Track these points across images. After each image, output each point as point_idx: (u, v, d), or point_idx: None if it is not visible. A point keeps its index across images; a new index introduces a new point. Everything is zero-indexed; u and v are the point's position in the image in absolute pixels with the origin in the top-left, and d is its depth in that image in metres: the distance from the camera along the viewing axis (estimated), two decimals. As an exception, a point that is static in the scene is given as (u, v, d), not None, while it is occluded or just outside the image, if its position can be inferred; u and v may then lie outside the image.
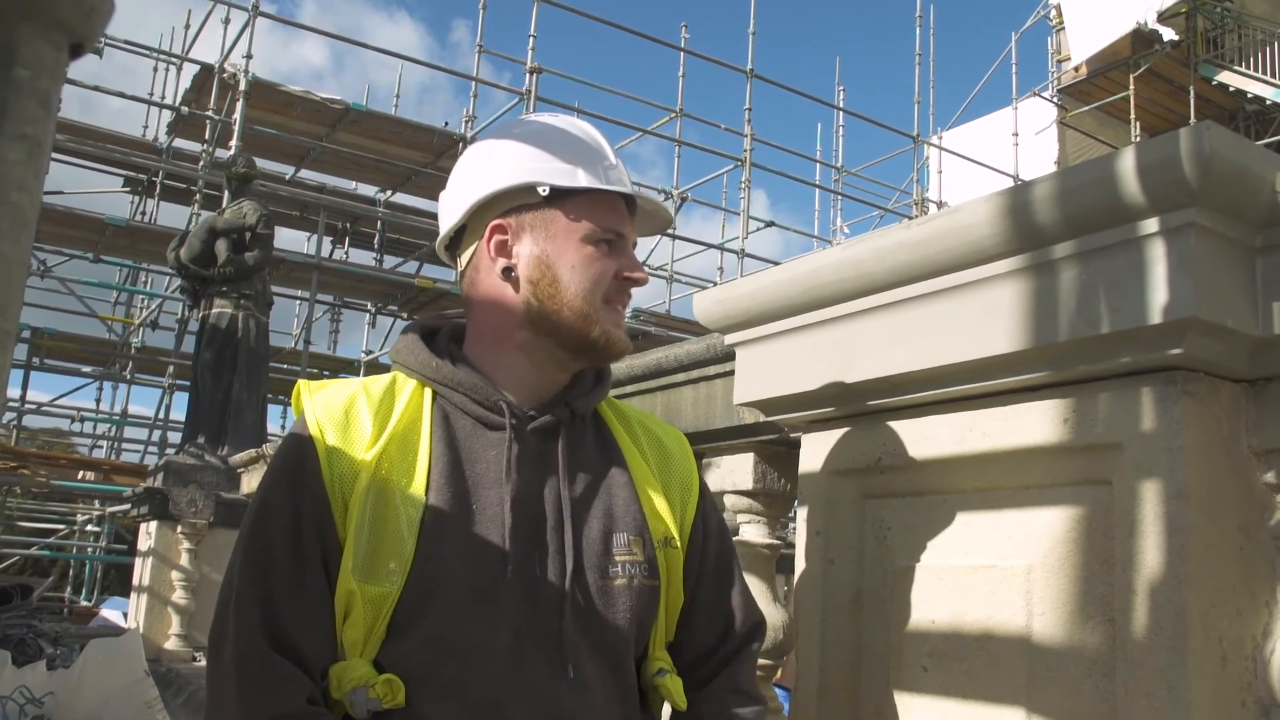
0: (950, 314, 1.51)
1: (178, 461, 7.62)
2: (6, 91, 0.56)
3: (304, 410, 1.37)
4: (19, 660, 4.34)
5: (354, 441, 1.32)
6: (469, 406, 1.39)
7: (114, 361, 14.99)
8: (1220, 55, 16.99)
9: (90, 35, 0.60)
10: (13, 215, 0.55)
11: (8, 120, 0.56)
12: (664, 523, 1.44)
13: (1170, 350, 1.28)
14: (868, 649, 1.69)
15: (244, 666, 1.23)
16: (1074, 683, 1.37)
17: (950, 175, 18.04)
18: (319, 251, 13.53)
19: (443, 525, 1.30)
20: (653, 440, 1.54)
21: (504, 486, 1.34)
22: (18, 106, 0.56)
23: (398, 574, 1.26)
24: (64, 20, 0.58)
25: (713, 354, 2.17)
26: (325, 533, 1.28)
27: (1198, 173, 1.20)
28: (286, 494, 1.30)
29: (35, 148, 0.57)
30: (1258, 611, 1.34)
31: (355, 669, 1.26)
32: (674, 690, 1.42)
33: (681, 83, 15.20)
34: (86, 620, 10.03)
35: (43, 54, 0.58)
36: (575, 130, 1.46)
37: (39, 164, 0.58)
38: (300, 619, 1.26)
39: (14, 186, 0.56)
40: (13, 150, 0.56)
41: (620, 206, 1.43)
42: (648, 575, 1.40)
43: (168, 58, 14.23)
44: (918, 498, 1.65)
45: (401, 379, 1.43)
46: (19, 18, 0.56)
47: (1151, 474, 1.32)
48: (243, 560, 1.29)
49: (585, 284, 1.39)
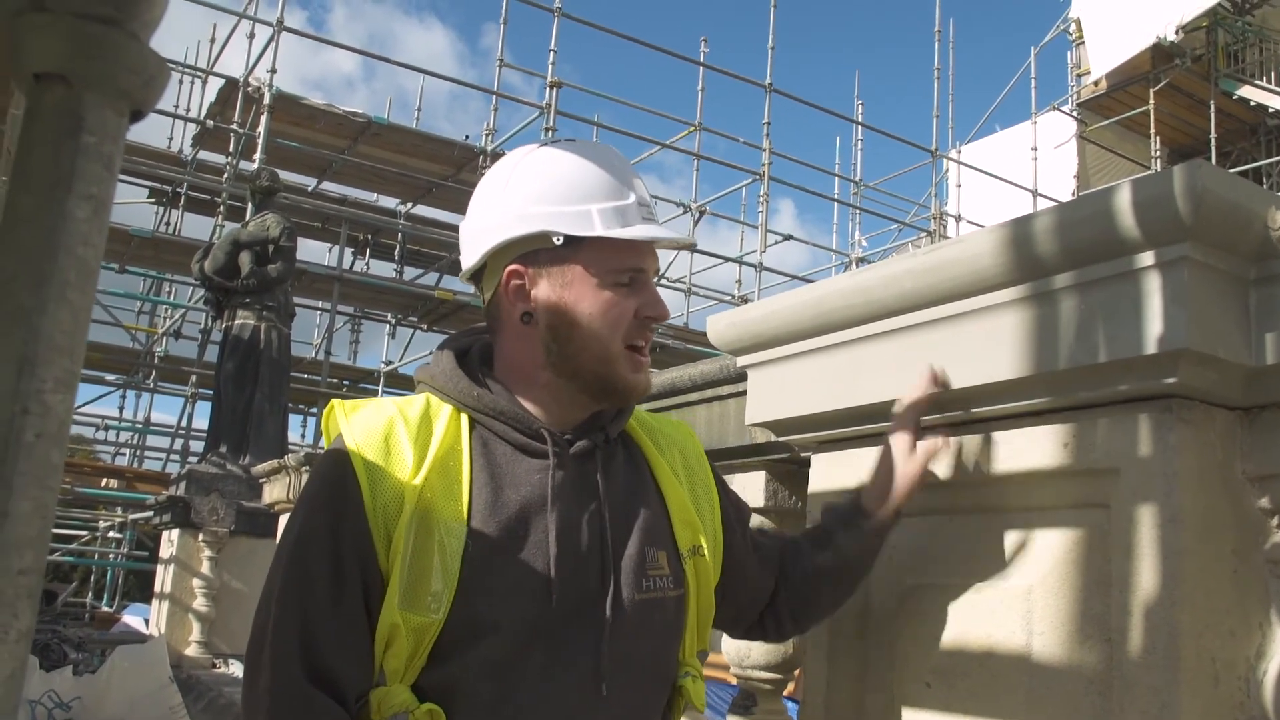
0: (955, 340, 1.56)
1: (200, 470, 7.72)
2: (75, 155, 0.62)
3: (341, 434, 1.35)
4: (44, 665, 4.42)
5: (395, 470, 1.31)
6: (510, 435, 1.38)
7: (137, 370, 15.14)
8: (1241, 69, 16.94)
9: (149, 102, 0.66)
10: (79, 268, 0.61)
11: (76, 181, 0.61)
12: (691, 531, 1.46)
13: (1165, 379, 1.32)
14: (873, 664, 1.73)
15: (277, 699, 1.23)
16: (1072, 700, 1.41)
17: (969, 189, 18.03)
18: (340, 263, 13.67)
19: (487, 553, 1.30)
20: (672, 444, 1.55)
21: (548, 514, 1.34)
22: (84, 169, 0.62)
23: (441, 604, 1.26)
24: (126, 89, 0.64)
25: (726, 374, 2.22)
26: (366, 564, 1.27)
27: (1190, 209, 1.24)
28: (327, 523, 1.29)
29: (100, 207, 0.63)
30: (1251, 633, 1.38)
31: (396, 695, 1.27)
32: (694, 693, 1.45)
33: (701, 96, 15.29)
34: (108, 626, 10.12)
35: (107, 121, 0.63)
36: (593, 162, 1.41)
37: (103, 221, 0.63)
38: (338, 650, 1.25)
39: (80, 241, 0.61)
40: (80, 209, 0.61)
41: (645, 246, 1.40)
42: (674, 586, 1.42)
43: (193, 71, 14.41)
44: (923, 518, 1.69)
45: (435, 403, 1.41)
46: (85, 88, 0.62)
47: (1147, 498, 1.36)
48: (281, 588, 1.28)
49: (604, 329, 1.37)
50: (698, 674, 1.48)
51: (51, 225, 0.60)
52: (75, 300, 0.61)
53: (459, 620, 1.27)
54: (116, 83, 0.62)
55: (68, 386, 0.62)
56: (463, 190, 13.96)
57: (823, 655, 1.82)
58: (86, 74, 0.61)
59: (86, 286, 0.63)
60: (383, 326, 16.56)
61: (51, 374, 0.60)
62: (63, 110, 0.63)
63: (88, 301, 0.63)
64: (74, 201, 0.62)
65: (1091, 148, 17.77)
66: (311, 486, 1.35)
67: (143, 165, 13.00)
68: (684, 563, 1.44)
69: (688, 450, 1.57)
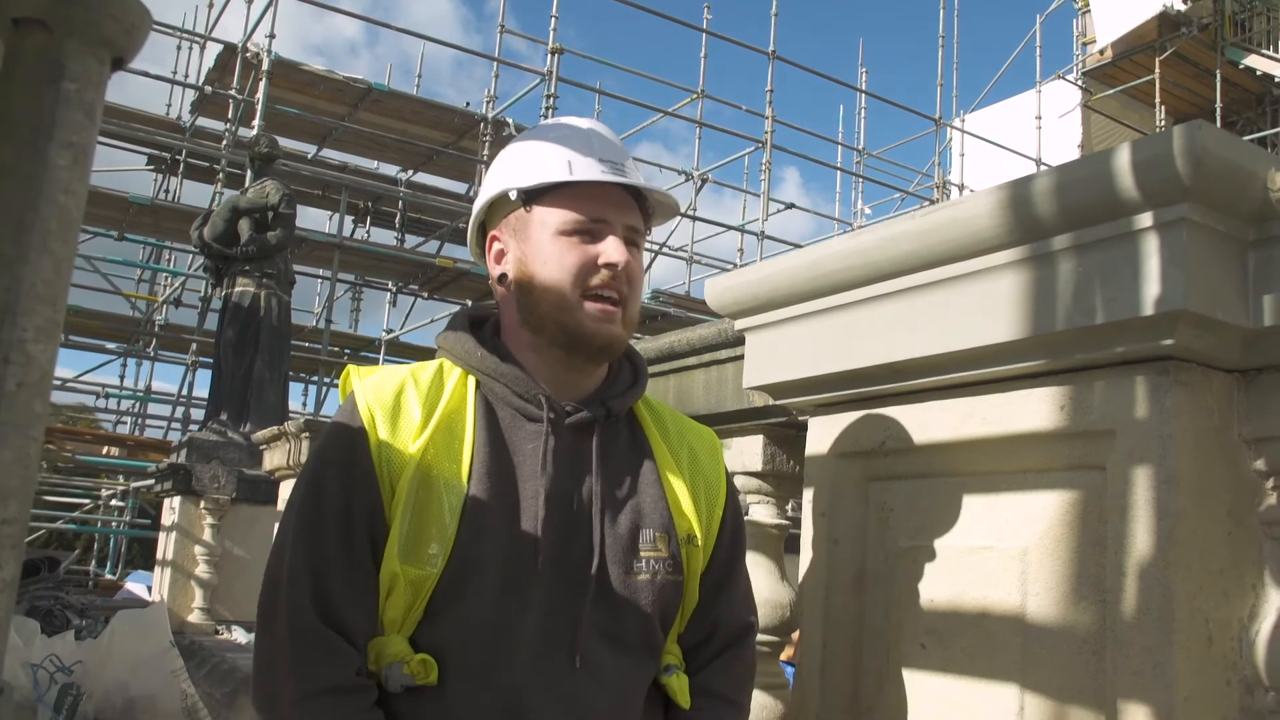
0: (952, 302, 1.55)
1: (201, 438, 7.73)
2: (55, 103, 0.61)
3: (354, 393, 1.40)
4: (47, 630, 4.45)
5: (403, 429, 1.36)
6: (510, 398, 1.42)
7: (138, 339, 15.12)
8: (1248, 38, 16.80)
9: (131, 49, 0.65)
10: (60, 216, 0.60)
11: (57, 129, 0.61)
12: (687, 521, 1.46)
13: (1163, 341, 1.32)
14: (869, 627, 1.74)
15: (298, 639, 1.28)
16: (1066, 660, 1.42)
17: (972, 158, 17.93)
18: (340, 231, 13.63)
19: (482, 513, 1.33)
20: (684, 442, 1.55)
21: (539, 479, 1.37)
22: (65, 117, 0.61)
23: (438, 558, 1.31)
24: (108, 37, 0.63)
25: (724, 338, 2.21)
26: (374, 515, 1.32)
27: (1190, 169, 1.24)
28: (338, 477, 1.34)
29: (81, 154, 0.62)
30: (1244, 594, 1.38)
31: (393, 645, 1.31)
32: (677, 689, 1.45)
33: (703, 64, 15.16)
34: (111, 593, 10.18)
35: (88, 68, 0.62)
36: (565, 126, 1.47)
37: (84, 169, 0.62)
38: (348, 597, 1.30)
39: (61, 190, 0.60)
40: (61, 157, 0.61)
41: (604, 194, 1.41)
42: (672, 571, 1.43)
43: (191, 37, 14.29)
44: (919, 481, 1.69)
45: (448, 366, 1.46)
46: (66, 34, 0.61)
47: (1143, 460, 1.36)
48: (294, 538, 1.33)
49: (560, 277, 1.38)
50: (680, 665, 1.48)
51: (32, 174, 0.60)
52: (57, 249, 0.61)
53: (452, 576, 1.31)
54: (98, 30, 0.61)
55: (49, 336, 0.61)
56: (463, 158, 13.90)
57: (819, 617, 1.82)
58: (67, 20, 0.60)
59: (68, 235, 0.63)
60: (384, 294, 16.53)
61: (33, 323, 0.59)
62: (43, 57, 0.62)
63: (70, 250, 0.63)
64: (55, 150, 0.62)
65: (1096, 117, 17.66)
66: (325, 444, 1.40)
67: (141, 131, 12.93)
68: (681, 549, 1.45)
69: (699, 451, 1.55)
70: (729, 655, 1.51)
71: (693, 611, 1.49)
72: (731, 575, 1.54)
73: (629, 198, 1.44)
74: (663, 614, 1.44)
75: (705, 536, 1.49)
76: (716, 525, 1.51)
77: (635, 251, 1.44)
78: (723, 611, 1.51)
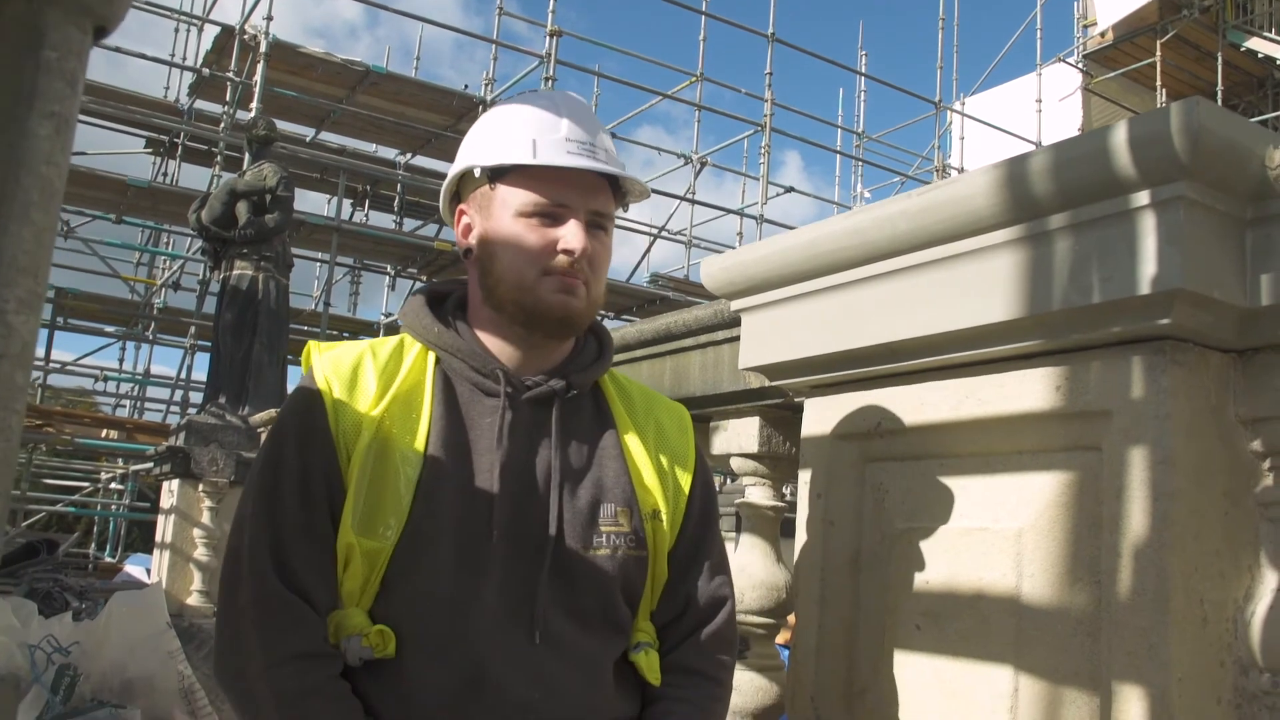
0: (949, 282, 1.55)
1: (199, 421, 7.72)
2: (36, 72, 0.60)
3: (312, 366, 1.40)
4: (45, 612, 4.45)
5: (359, 398, 1.36)
6: (467, 373, 1.42)
7: (136, 322, 15.10)
8: (1250, 21, 16.73)
9: (114, 17, 0.64)
10: (42, 187, 0.59)
11: (37, 99, 0.60)
12: (653, 496, 1.45)
13: (1159, 320, 1.31)
14: (864, 608, 1.73)
15: (262, 607, 1.27)
16: (1061, 642, 1.42)
17: (972, 142, 17.88)
18: (339, 214, 13.58)
19: (437, 486, 1.33)
20: (650, 416, 1.54)
21: (495, 453, 1.37)
22: (46, 86, 0.60)
23: (393, 530, 1.31)
24: (88, 5, 0.62)
25: (720, 319, 2.20)
26: (331, 479, 1.33)
27: (1187, 147, 1.23)
28: (295, 444, 1.34)
29: (63, 124, 0.61)
30: (1240, 575, 1.38)
31: (352, 618, 1.31)
32: (647, 667, 1.44)
33: (702, 46, 15.09)
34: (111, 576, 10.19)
35: (69, 36, 0.61)
36: (534, 102, 1.45)
37: (66, 139, 0.62)
38: (309, 564, 1.30)
39: (43, 160, 0.59)
40: (42, 127, 0.60)
41: (568, 176, 1.39)
42: (634, 546, 1.42)
43: (189, 19, 14.23)
44: (915, 462, 1.69)
45: (409, 341, 1.46)
46: (46, 3, 0.60)
47: (1139, 441, 1.35)
48: (253, 508, 1.33)
49: (517, 258, 1.38)
50: (652, 643, 1.47)
51: (12, 143, 0.59)
52: (39, 219, 0.60)
53: (406, 548, 1.31)
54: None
55: (31, 308, 0.61)
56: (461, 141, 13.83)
57: (814, 599, 1.82)
58: (47, -13, 0.59)
59: (50, 206, 0.62)
60: (382, 278, 16.50)
61: (14, 294, 0.59)
62: (22, 24, 0.61)
63: (51, 221, 0.62)
64: (36, 119, 0.61)
65: (1097, 100, 17.59)
66: (282, 414, 1.41)
67: (139, 114, 12.88)
68: (645, 524, 1.44)
69: (666, 425, 1.54)
70: (705, 631, 1.49)
71: (663, 587, 1.48)
72: (702, 550, 1.52)
73: (597, 179, 1.41)
74: (626, 589, 1.43)
75: (672, 511, 1.48)
76: (684, 500, 1.50)
77: (601, 235, 1.42)
78: (694, 587, 1.50)
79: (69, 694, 3.50)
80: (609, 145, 1.44)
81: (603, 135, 1.44)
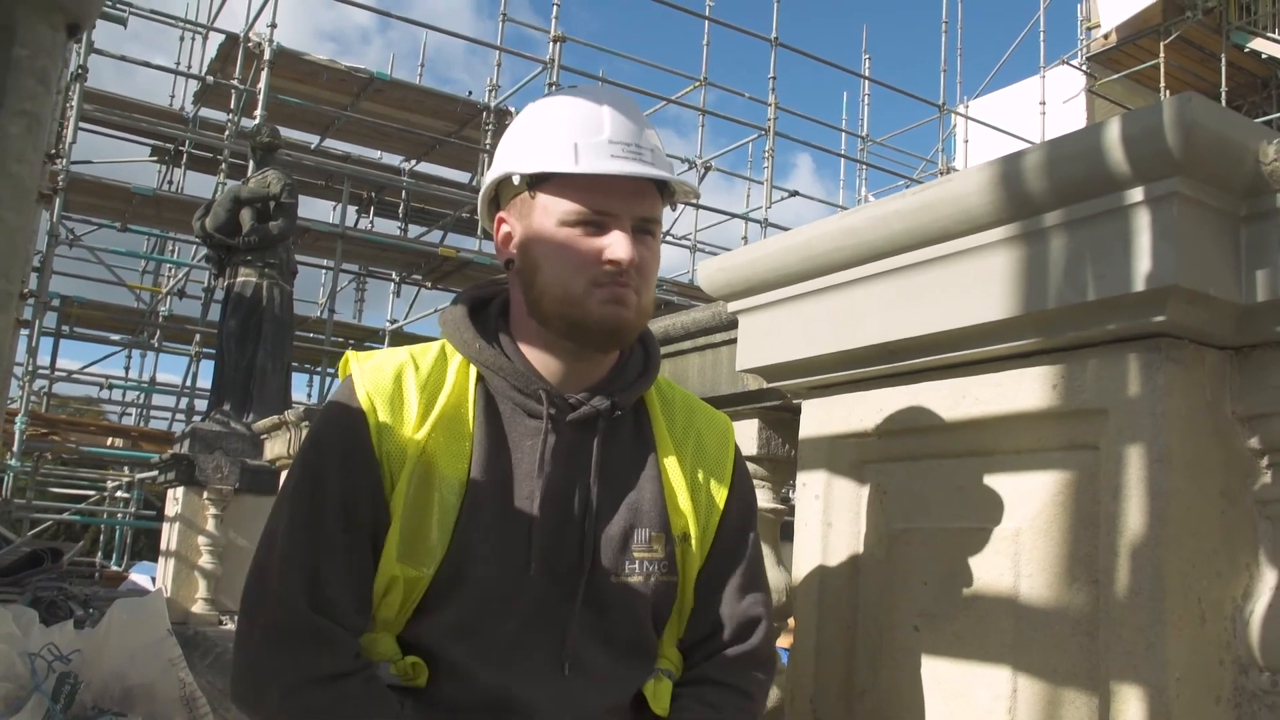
0: (945, 281, 1.54)
1: (204, 428, 7.73)
2: (6, 70, 0.60)
3: (351, 378, 1.35)
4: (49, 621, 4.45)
5: (402, 419, 1.31)
6: (509, 392, 1.37)
7: (142, 330, 15.12)
8: (1254, 21, 16.69)
9: (87, 15, 0.64)
10: (13, 185, 0.59)
11: (8, 97, 0.60)
12: (684, 518, 1.41)
13: (1154, 317, 1.31)
14: (863, 609, 1.73)
15: (288, 630, 1.23)
16: (1059, 642, 1.41)
17: (976, 144, 17.85)
18: (343, 220, 13.61)
19: (477, 515, 1.30)
20: (691, 429, 1.49)
21: (536, 480, 1.33)
22: (17, 84, 0.60)
23: (434, 559, 1.28)
24: (60, 2, 0.62)
25: (718, 321, 2.20)
26: (377, 504, 1.28)
27: (1180, 142, 1.22)
28: (337, 463, 1.29)
29: (34, 122, 0.61)
30: (1238, 573, 1.37)
31: (382, 643, 1.30)
32: (653, 696, 1.39)
33: (706, 51, 15.10)
34: (116, 584, 10.21)
35: (40, 34, 0.61)
36: (576, 104, 1.36)
37: (38, 137, 0.61)
38: (345, 588, 1.26)
39: (14, 158, 0.59)
40: (13, 124, 0.60)
41: (612, 184, 1.31)
42: (666, 572, 1.40)
43: (193, 27, 14.26)
44: (913, 462, 1.68)
45: (450, 350, 1.41)
46: (16, 0, 0.60)
47: (1135, 439, 1.34)
48: (289, 526, 1.28)
49: (562, 269, 1.31)
50: (676, 670, 1.44)
51: (-17, 142, 0.58)
52: (10, 219, 0.60)
53: (444, 578, 1.28)
54: (50, -5, 0.60)
55: (3, 307, 0.60)
56: (466, 147, 13.86)
57: (813, 601, 1.81)
58: (17, -15, 0.59)
59: (22, 205, 0.62)
60: (387, 284, 16.49)
61: (-16, 293, 0.58)
62: (-7, 22, 0.61)
63: (24, 220, 0.62)
64: (6, 117, 0.60)
65: (1100, 102, 17.56)
66: (320, 430, 1.34)
67: (144, 122, 12.92)
68: (675, 547, 1.41)
69: (706, 438, 1.50)
70: (737, 650, 1.44)
71: (691, 609, 1.44)
72: (736, 566, 1.47)
73: (644, 182, 1.34)
74: (656, 615, 1.41)
75: (702, 531, 1.44)
76: (718, 515, 1.46)
77: (648, 240, 1.35)
78: (727, 605, 1.45)
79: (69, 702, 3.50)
80: (655, 143, 1.35)
81: (648, 133, 1.35)
